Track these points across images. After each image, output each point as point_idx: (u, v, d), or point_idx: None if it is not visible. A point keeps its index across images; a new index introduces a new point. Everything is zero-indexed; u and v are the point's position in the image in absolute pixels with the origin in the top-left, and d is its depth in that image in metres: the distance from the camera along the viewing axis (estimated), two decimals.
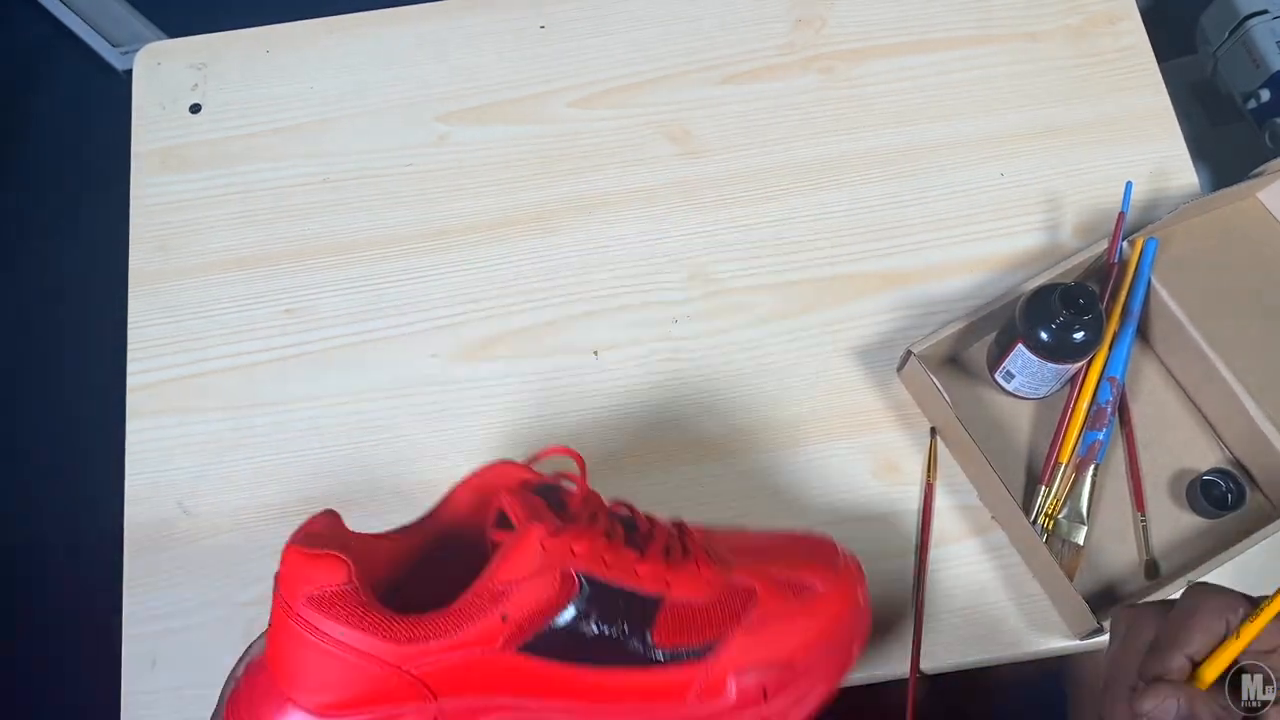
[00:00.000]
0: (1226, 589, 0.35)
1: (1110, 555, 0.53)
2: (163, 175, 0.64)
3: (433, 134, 0.64)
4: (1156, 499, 0.54)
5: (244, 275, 0.61)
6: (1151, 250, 0.55)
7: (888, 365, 0.57)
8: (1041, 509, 0.53)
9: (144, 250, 0.62)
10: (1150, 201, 0.61)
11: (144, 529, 0.55)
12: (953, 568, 0.53)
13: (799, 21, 0.66)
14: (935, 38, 0.66)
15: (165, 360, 0.59)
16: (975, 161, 0.62)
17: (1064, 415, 0.54)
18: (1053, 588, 0.50)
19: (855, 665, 0.46)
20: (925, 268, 0.60)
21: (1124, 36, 0.65)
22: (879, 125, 0.63)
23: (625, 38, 0.66)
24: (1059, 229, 0.60)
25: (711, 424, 0.56)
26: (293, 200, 0.63)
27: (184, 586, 0.54)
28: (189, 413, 0.58)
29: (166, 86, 0.66)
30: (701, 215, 0.61)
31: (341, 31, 0.67)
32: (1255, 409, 0.51)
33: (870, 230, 0.61)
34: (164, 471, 0.56)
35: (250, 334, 0.59)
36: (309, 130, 0.65)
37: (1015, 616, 0.52)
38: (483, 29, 0.67)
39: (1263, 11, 1.03)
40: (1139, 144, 0.62)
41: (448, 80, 0.66)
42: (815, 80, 0.65)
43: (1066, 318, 0.49)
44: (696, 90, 0.65)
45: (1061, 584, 0.49)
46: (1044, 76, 0.64)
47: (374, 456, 0.56)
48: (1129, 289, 0.55)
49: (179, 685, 0.52)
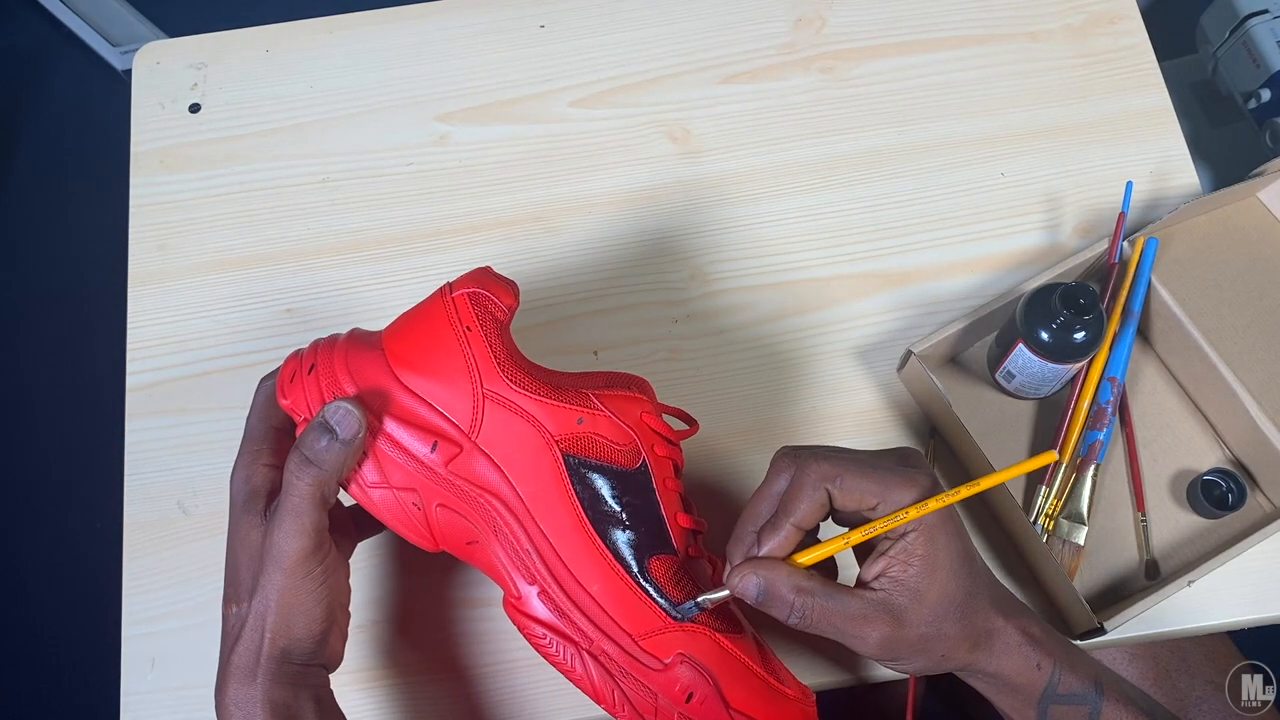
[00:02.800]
0: (838, 454, 0.40)
1: (1110, 555, 0.53)
2: (162, 175, 0.64)
3: (433, 134, 0.64)
4: (1157, 499, 0.54)
5: (244, 275, 0.61)
6: (1152, 250, 0.55)
7: (888, 365, 0.57)
8: (1042, 509, 0.53)
9: (144, 250, 0.62)
10: (1151, 201, 0.61)
11: (144, 529, 0.55)
12: None
13: (799, 21, 0.66)
14: (935, 37, 0.66)
15: (165, 360, 0.59)
16: (975, 161, 0.62)
17: (1064, 415, 0.54)
18: (1053, 588, 0.50)
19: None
20: (925, 268, 0.60)
21: (1124, 36, 0.65)
22: (879, 125, 0.63)
23: (625, 37, 0.66)
24: (1059, 229, 0.60)
25: (712, 424, 0.56)
26: (293, 200, 0.63)
27: (184, 586, 0.54)
28: (189, 413, 0.58)
29: (166, 86, 0.66)
30: (701, 215, 0.61)
31: (341, 31, 0.67)
32: (1255, 409, 0.51)
33: (870, 230, 0.61)
34: (164, 471, 0.56)
35: (250, 334, 0.59)
36: (309, 130, 0.65)
37: None
38: (483, 29, 0.67)
39: (1263, 11, 1.03)
40: (1139, 144, 0.62)
41: (448, 80, 0.66)
42: (815, 80, 0.65)
43: (1067, 318, 0.49)
44: (696, 90, 0.65)
45: (1062, 584, 0.49)
46: (1044, 76, 0.64)
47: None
48: (1129, 289, 0.55)
49: (179, 685, 0.52)
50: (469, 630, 0.53)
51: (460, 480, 0.41)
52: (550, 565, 0.41)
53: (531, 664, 0.52)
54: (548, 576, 0.41)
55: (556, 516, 0.41)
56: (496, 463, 0.41)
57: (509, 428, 0.41)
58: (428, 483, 0.41)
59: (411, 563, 0.54)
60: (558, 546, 0.41)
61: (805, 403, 0.57)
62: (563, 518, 0.41)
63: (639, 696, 0.40)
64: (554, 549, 0.41)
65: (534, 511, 0.41)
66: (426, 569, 0.54)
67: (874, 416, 0.56)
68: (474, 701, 0.51)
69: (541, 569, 0.41)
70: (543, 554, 0.41)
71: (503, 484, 0.41)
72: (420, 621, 0.53)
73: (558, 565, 0.41)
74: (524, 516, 0.41)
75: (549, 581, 0.41)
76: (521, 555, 0.41)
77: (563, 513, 0.41)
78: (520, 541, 0.41)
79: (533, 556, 0.41)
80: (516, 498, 0.41)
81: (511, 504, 0.41)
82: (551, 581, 0.41)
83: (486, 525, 0.41)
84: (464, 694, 0.51)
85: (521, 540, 0.41)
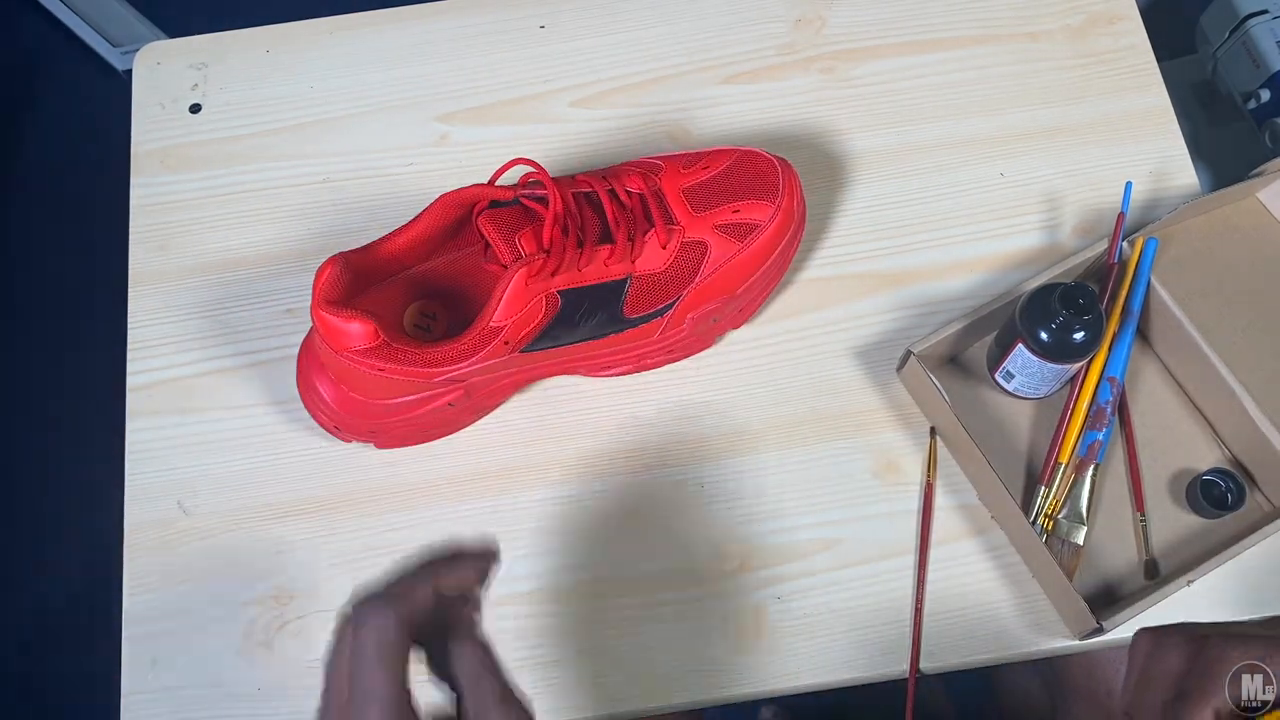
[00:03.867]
0: (1253, 632, 0.33)
1: (1110, 555, 0.53)
2: (163, 175, 0.64)
3: (433, 134, 0.64)
4: (1156, 499, 0.54)
5: (244, 275, 0.61)
6: (1151, 250, 0.55)
7: (888, 365, 0.57)
8: (1041, 509, 0.53)
9: (144, 250, 0.62)
10: (1150, 201, 0.61)
11: (144, 529, 0.55)
12: (953, 567, 0.53)
13: (799, 21, 0.66)
14: (935, 38, 0.66)
15: (165, 360, 0.59)
16: (975, 161, 0.62)
17: (1064, 415, 0.54)
18: (1052, 588, 0.50)
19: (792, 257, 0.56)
20: (925, 267, 0.60)
21: (1124, 36, 0.65)
22: (879, 125, 0.63)
23: (626, 37, 0.66)
24: (1059, 229, 0.60)
25: (712, 424, 0.56)
26: (293, 200, 0.63)
27: (184, 586, 0.54)
28: (189, 413, 0.58)
29: (166, 86, 0.66)
30: None
31: (341, 31, 0.67)
32: (1255, 409, 0.51)
33: (870, 230, 0.61)
34: (164, 471, 0.56)
35: (250, 334, 0.59)
36: (309, 130, 0.65)
37: (1015, 616, 0.52)
38: (483, 29, 0.67)
39: (1263, 11, 1.03)
40: (1139, 144, 0.62)
41: (448, 80, 0.66)
42: (815, 80, 0.65)
43: (1066, 318, 0.49)
44: (697, 90, 0.65)
45: (1061, 584, 0.49)
46: (1044, 76, 0.64)
47: (373, 456, 0.56)
48: (1129, 289, 0.55)
49: (179, 685, 0.52)
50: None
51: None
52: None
53: (532, 664, 0.52)
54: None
55: (566, 361, 0.53)
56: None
57: (473, 372, 0.50)
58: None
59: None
60: None
61: (805, 403, 0.57)
62: (567, 357, 0.53)
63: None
64: None
65: None
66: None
67: (873, 417, 0.56)
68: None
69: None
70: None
71: (520, 371, 0.53)
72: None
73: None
74: None
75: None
76: None
77: (567, 355, 0.53)
78: None
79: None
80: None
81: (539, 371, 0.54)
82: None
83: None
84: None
85: None
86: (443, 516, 0.55)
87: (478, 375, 0.50)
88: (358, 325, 0.45)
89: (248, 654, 0.53)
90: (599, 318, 0.51)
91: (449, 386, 0.51)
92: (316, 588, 0.54)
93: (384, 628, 0.31)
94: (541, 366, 0.53)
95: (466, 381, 0.51)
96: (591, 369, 0.55)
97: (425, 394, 0.51)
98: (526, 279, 0.47)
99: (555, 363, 0.53)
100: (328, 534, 0.55)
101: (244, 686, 0.52)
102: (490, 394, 0.54)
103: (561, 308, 0.49)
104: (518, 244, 0.47)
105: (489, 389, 0.53)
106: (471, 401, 0.53)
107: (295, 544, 0.55)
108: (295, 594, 0.54)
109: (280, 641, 0.53)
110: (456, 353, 0.48)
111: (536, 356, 0.51)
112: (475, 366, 0.49)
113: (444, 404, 0.52)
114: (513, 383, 0.54)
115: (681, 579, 0.53)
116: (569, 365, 0.55)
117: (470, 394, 0.52)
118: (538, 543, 0.54)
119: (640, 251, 0.50)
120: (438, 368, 0.48)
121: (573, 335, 0.51)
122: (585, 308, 0.50)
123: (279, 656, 0.53)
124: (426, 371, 0.48)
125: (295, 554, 0.54)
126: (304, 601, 0.54)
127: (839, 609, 0.52)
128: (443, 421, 0.54)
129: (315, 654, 0.52)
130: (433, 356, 0.47)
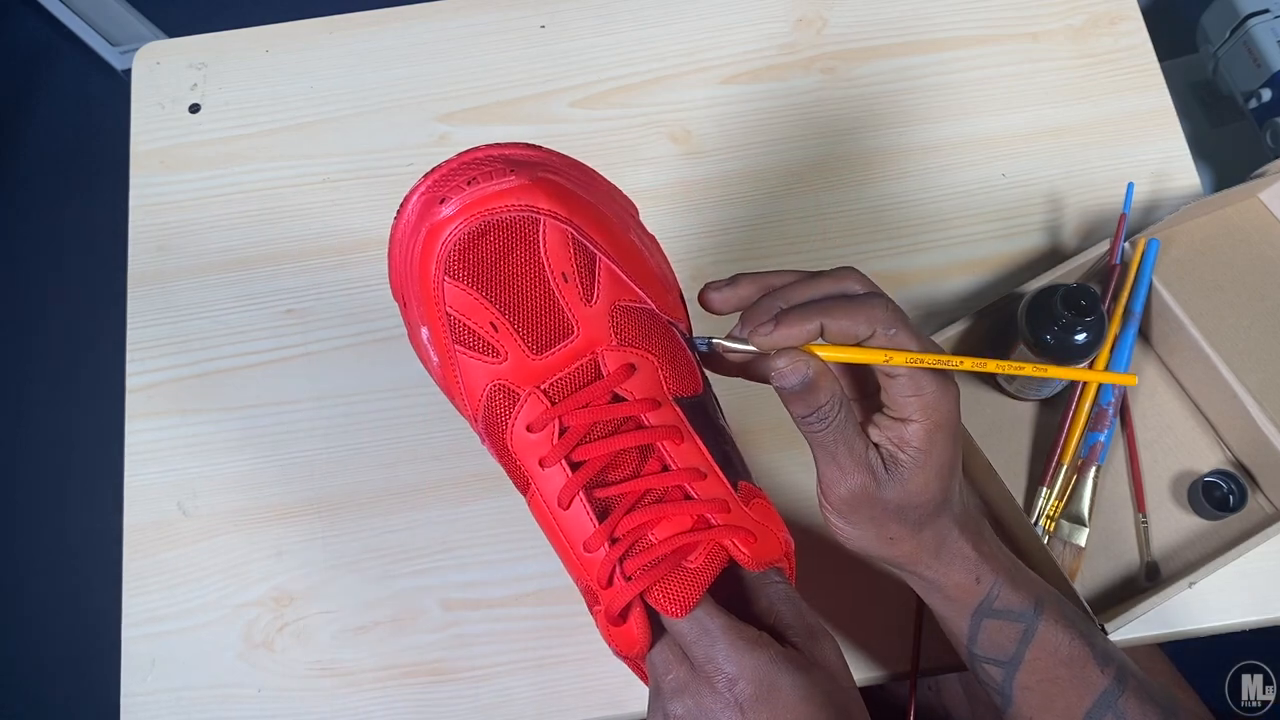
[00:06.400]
0: (882, 304, 0.36)
1: (1111, 557, 0.53)
2: (162, 175, 0.63)
3: (433, 134, 0.64)
4: (1157, 500, 0.54)
5: (244, 275, 0.61)
6: (1153, 251, 0.55)
7: None
8: (1043, 510, 0.53)
9: (143, 250, 0.62)
10: (1152, 202, 0.61)
11: (144, 529, 0.55)
12: None
13: (799, 21, 0.66)
14: (936, 38, 0.65)
15: (165, 360, 0.59)
16: (976, 162, 0.62)
17: (1065, 416, 0.54)
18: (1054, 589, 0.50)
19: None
20: (926, 268, 0.60)
21: (1125, 36, 0.65)
22: (879, 125, 0.63)
23: (626, 37, 0.66)
24: (1060, 230, 0.60)
25: None
26: (293, 200, 0.63)
27: (184, 587, 0.54)
28: (189, 413, 0.58)
29: (166, 86, 0.66)
30: (702, 216, 0.61)
31: (341, 31, 0.67)
32: (1257, 410, 0.51)
33: (870, 230, 0.61)
34: (164, 471, 0.56)
35: (250, 334, 0.59)
36: (309, 130, 0.65)
37: None
38: (483, 29, 0.67)
39: (1263, 11, 1.03)
40: (1140, 144, 0.62)
41: (448, 80, 0.66)
42: (816, 80, 0.65)
43: (1068, 319, 0.49)
44: (698, 90, 0.65)
45: (1063, 585, 0.49)
46: (1045, 76, 0.64)
47: (374, 457, 0.56)
48: (1130, 290, 0.54)
49: (179, 686, 0.52)
50: (470, 631, 0.52)
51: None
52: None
53: (532, 665, 0.52)
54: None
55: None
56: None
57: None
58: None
59: (413, 563, 0.54)
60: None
61: None
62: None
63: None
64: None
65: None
66: (428, 571, 0.54)
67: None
68: (478, 702, 0.51)
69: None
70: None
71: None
72: (421, 621, 0.53)
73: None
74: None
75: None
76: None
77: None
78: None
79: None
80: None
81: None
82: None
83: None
84: (467, 694, 0.51)
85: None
86: (443, 517, 0.55)
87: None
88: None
89: (247, 655, 0.53)
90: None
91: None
92: (316, 588, 0.54)
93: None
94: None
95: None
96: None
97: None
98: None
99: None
100: (328, 535, 0.55)
101: (244, 687, 0.52)
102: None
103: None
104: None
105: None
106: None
107: (295, 545, 0.55)
108: (295, 595, 0.54)
109: (280, 642, 0.53)
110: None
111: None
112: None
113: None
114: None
115: None
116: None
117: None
118: (541, 544, 0.54)
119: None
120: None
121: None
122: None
123: (279, 657, 0.53)
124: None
125: (295, 555, 0.54)
126: (304, 602, 0.53)
127: (839, 609, 0.52)
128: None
129: (315, 655, 0.52)
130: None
